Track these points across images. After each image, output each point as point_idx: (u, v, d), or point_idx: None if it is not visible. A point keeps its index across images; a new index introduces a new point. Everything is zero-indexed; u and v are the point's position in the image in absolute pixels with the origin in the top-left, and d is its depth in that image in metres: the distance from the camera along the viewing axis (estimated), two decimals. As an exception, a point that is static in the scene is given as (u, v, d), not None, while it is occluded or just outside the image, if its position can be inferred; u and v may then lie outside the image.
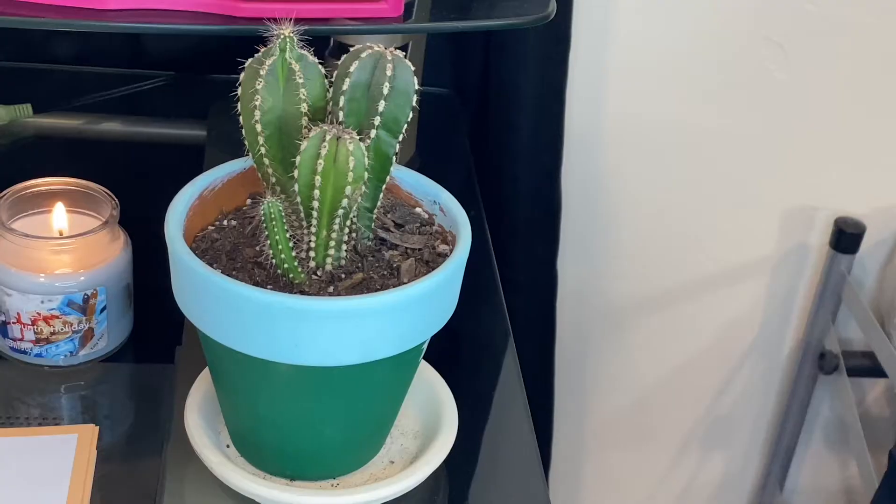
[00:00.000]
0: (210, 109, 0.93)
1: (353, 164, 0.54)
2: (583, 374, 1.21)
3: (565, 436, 1.22)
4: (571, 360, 1.18)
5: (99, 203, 0.70)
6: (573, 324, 1.16)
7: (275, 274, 0.57)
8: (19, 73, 0.98)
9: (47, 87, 0.97)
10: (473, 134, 1.03)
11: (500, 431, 0.70)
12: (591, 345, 1.19)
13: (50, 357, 0.68)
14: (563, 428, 1.20)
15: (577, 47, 1.00)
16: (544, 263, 1.07)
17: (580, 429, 1.24)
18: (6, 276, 0.66)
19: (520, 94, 0.99)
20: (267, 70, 0.55)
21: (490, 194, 0.99)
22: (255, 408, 0.59)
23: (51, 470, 0.60)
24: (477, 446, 0.68)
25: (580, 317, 1.17)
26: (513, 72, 0.98)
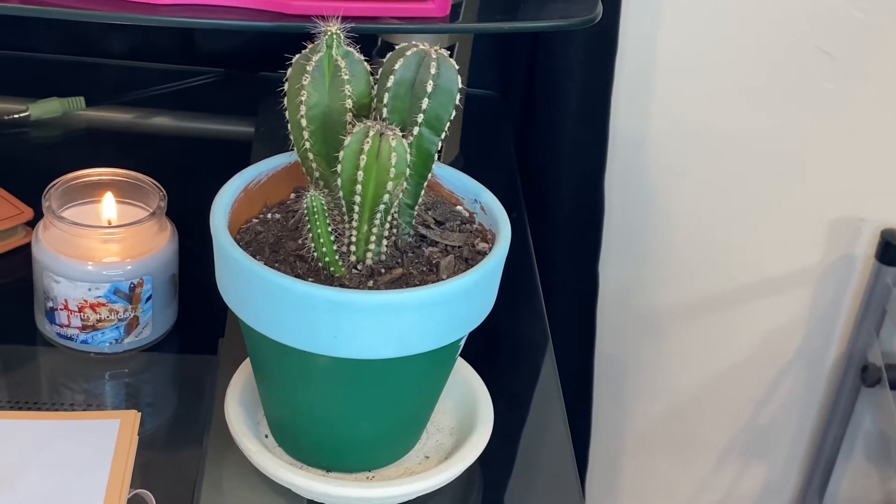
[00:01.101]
0: (259, 107, 0.95)
1: (395, 160, 0.54)
2: (622, 379, 1.21)
3: (603, 441, 1.22)
4: (611, 365, 1.18)
5: (147, 194, 0.71)
6: (613, 329, 1.16)
7: (316, 267, 0.57)
8: (73, 67, 1.00)
9: (100, 82, 0.99)
10: (518, 136, 1.03)
11: (536, 432, 0.70)
12: (631, 350, 1.19)
13: (95, 344, 0.69)
14: (601, 433, 1.20)
15: (623, 51, 1.00)
16: (586, 267, 1.07)
17: (618, 435, 1.24)
18: (55, 264, 0.67)
19: (565, 96, 0.99)
20: (313, 66, 0.56)
21: (533, 196, 1.00)
22: (294, 399, 0.60)
23: (93, 453, 0.61)
24: (512, 446, 0.68)
25: (621, 322, 1.17)
26: (558, 74, 0.98)
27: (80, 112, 0.94)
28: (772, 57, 1.03)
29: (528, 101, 1.03)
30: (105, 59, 1.01)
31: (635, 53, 1.02)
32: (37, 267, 0.69)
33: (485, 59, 1.01)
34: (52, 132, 0.92)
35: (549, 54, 0.98)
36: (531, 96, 1.02)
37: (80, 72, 1.00)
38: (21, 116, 0.91)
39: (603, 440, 1.21)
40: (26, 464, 0.60)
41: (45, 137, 0.92)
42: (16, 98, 0.93)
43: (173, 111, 0.97)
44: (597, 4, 0.73)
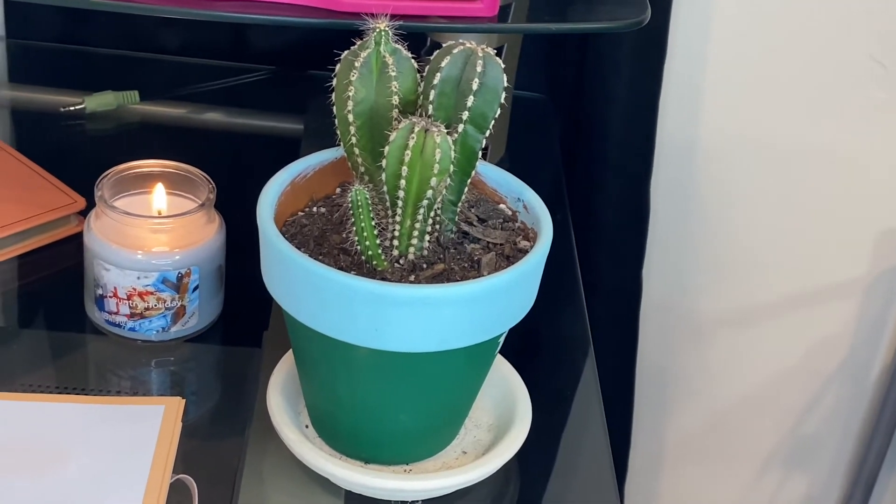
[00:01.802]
0: (309, 105, 0.96)
1: (439, 157, 0.55)
2: (664, 386, 1.20)
3: (643, 448, 1.21)
4: (653, 372, 1.18)
5: (197, 186, 0.72)
6: (656, 334, 1.16)
7: (359, 260, 0.58)
8: (129, 62, 1.02)
9: (154, 76, 1.00)
10: (565, 139, 1.04)
11: (575, 434, 0.70)
12: (673, 357, 1.19)
13: (143, 332, 0.70)
14: (642, 440, 1.20)
15: (672, 55, 1.00)
16: (629, 271, 1.07)
17: (659, 442, 1.24)
18: (106, 252, 0.68)
19: (613, 100, 0.99)
20: (361, 62, 0.57)
21: (578, 199, 1.00)
22: (334, 390, 0.61)
23: (137, 438, 0.62)
24: (549, 446, 0.69)
25: (663, 328, 1.16)
26: (607, 77, 0.98)
27: (134, 105, 0.95)
28: (822, 65, 1.02)
29: (576, 103, 1.03)
30: (160, 54, 1.03)
31: (685, 58, 1.02)
32: (88, 255, 0.70)
33: (533, 61, 1.02)
34: (107, 125, 0.94)
35: (598, 57, 0.98)
36: (579, 99, 1.03)
37: (135, 66, 1.02)
38: (77, 109, 0.93)
39: (643, 446, 1.21)
40: (73, 446, 0.62)
41: (99, 130, 0.94)
42: (72, 91, 0.95)
43: (225, 107, 0.98)
44: (646, 7, 0.73)
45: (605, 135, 1.01)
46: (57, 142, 0.92)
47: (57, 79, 0.99)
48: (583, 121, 1.03)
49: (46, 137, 0.92)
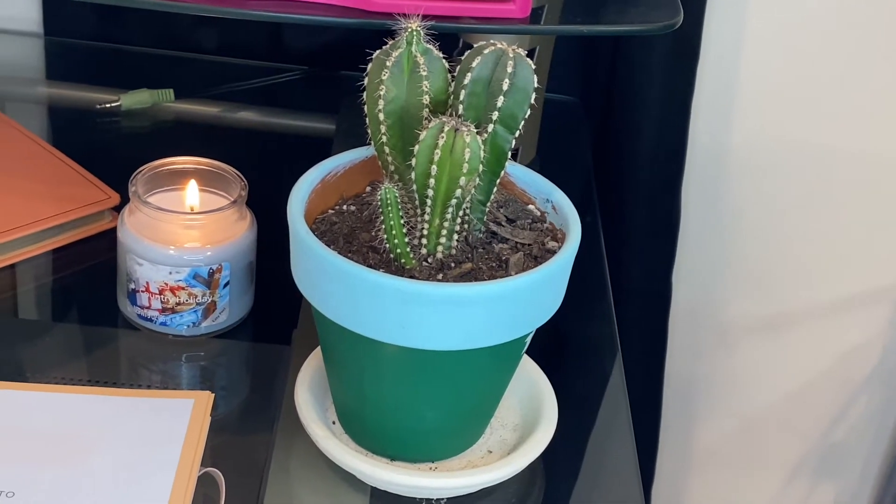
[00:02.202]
0: (341, 105, 0.96)
1: (468, 156, 0.55)
2: (692, 391, 1.20)
3: (670, 453, 1.21)
4: (681, 377, 1.18)
5: (229, 183, 0.73)
6: (685, 339, 1.16)
7: (387, 258, 0.59)
8: (164, 60, 1.03)
9: (189, 75, 1.01)
10: (596, 142, 1.04)
11: (601, 437, 0.70)
12: (702, 362, 1.19)
13: (174, 326, 0.71)
14: (669, 445, 1.20)
15: (705, 59, 1.00)
16: (659, 276, 1.07)
17: (686, 448, 1.23)
18: (138, 247, 0.69)
19: (645, 103, 0.99)
20: (393, 62, 0.57)
21: (609, 202, 1.00)
22: (361, 386, 0.61)
23: (167, 431, 0.63)
24: (575, 448, 0.69)
25: (693, 333, 1.16)
26: (639, 81, 0.98)
27: (169, 104, 0.96)
28: (856, 69, 1.02)
29: (608, 107, 1.03)
30: (195, 53, 1.04)
31: (718, 62, 1.02)
32: (121, 250, 0.71)
33: (566, 64, 1.02)
34: (142, 122, 0.95)
35: (630, 61, 0.98)
36: (611, 102, 1.03)
37: (170, 65, 1.03)
38: (113, 106, 0.94)
39: (670, 452, 1.21)
40: (103, 437, 0.62)
41: (134, 127, 0.95)
42: (108, 88, 0.96)
43: (258, 106, 0.99)
44: (678, 10, 0.73)
45: (636, 138, 1.01)
46: (92, 138, 0.93)
47: (93, 76, 1.00)
48: (614, 124, 1.03)
49: (82, 134, 0.93)
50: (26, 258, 0.77)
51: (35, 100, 0.99)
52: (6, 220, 0.77)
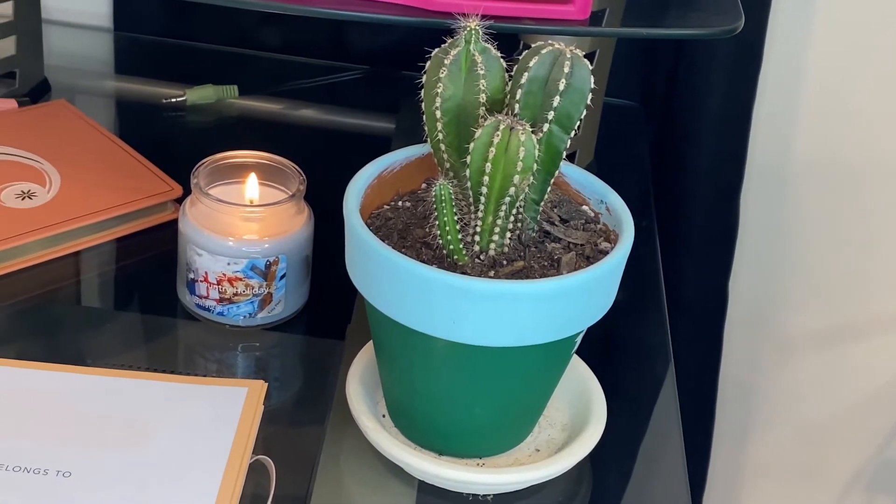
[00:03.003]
0: (401, 104, 0.97)
1: (522, 155, 0.56)
2: (747, 401, 1.19)
3: (723, 463, 1.20)
4: (736, 386, 1.17)
5: (288, 178, 0.74)
6: (740, 348, 1.15)
7: (440, 254, 0.59)
8: (229, 57, 1.05)
9: (253, 72, 1.03)
10: (655, 147, 1.04)
11: (650, 442, 0.70)
12: (759, 372, 1.18)
13: (230, 316, 0.72)
14: (721, 454, 1.19)
15: (768, 66, 0.99)
16: (715, 283, 1.06)
17: (740, 458, 1.22)
18: (199, 237, 0.71)
19: (705, 109, 0.99)
20: (451, 60, 0.58)
21: (666, 208, 1.00)
22: (412, 380, 0.62)
23: (220, 417, 0.64)
24: (623, 451, 0.69)
25: (749, 343, 1.15)
26: (700, 87, 0.98)
27: (232, 100, 0.98)
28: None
29: (668, 112, 1.03)
30: (260, 51, 1.06)
31: (781, 69, 1.01)
32: (181, 240, 0.72)
33: (626, 69, 1.02)
34: (206, 117, 0.97)
35: (691, 66, 0.98)
36: (671, 108, 1.02)
37: (235, 62, 1.05)
38: (178, 101, 0.96)
39: (723, 461, 1.20)
40: (158, 422, 0.64)
41: (198, 122, 0.97)
42: (174, 83, 0.99)
43: (320, 104, 1.01)
44: (740, 15, 0.73)
45: (696, 145, 1.01)
46: (158, 132, 0.95)
47: (160, 71, 1.02)
48: (674, 130, 1.02)
49: (148, 127, 0.95)
50: (91, 246, 0.79)
51: (104, 93, 1.01)
52: (73, 209, 0.79)
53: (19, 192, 0.80)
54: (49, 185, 0.81)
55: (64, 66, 1.00)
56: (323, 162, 0.82)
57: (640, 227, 0.77)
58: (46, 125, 0.89)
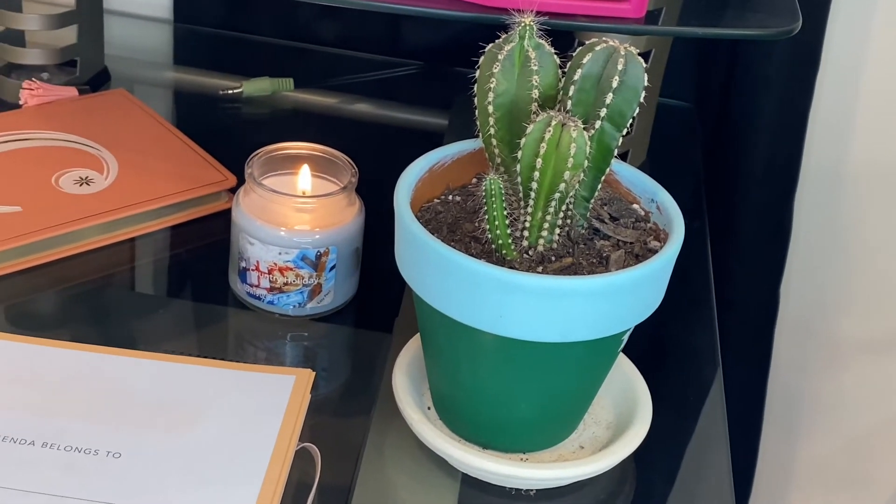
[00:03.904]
0: (454, 101, 0.98)
1: (574, 151, 0.56)
2: (796, 407, 1.18)
3: (770, 467, 1.19)
4: (785, 391, 1.16)
5: (340, 170, 0.75)
6: (791, 354, 1.14)
7: (489, 249, 0.60)
8: (286, 51, 1.06)
9: (309, 65, 1.04)
10: (709, 149, 1.03)
11: (695, 443, 0.70)
12: (809, 378, 1.16)
13: (280, 305, 0.73)
14: (769, 459, 1.18)
15: (825, 69, 0.98)
16: (767, 287, 1.06)
17: (787, 465, 1.21)
18: (251, 227, 0.72)
19: (761, 112, 0.98)
20: (505, 55, 0.58)
21: (718, 210, 0.99)
22: (457, 373, 0.62)
23: (268, 404, 0.65)
24: (668, 451, 0.68)
25: (800, 348, 1.14)
26: (755, 89, 0.97)
27: (288, 92, 0.99)
28: None
29: (723, 114, 1.02)
30: (316, 45, 1.07)
31: (838, 71, 1.00)
32: (234, 229, 0.73)
33: (681, 70, 1.01)
34: (261, 109, 0.98)
35: (747, 68, 0.97)
36: (726, 110, 1.02)
37: (291, 55, 1.06)
38: (235, 92, 0.98)
39: (770, 466, 1.19)
40: (207, 407, 0.65)
41: (254, 113, 0.98)
42: (231, 76, 1.00)
43: (374, 98, 1.01)
44: (797, 17, 0.72)
45: (751, 147, 1.00)
46: (214, 122, 0.96)
47: (218, 63, 1.03)
48: (728, 131, 1.02)
49: (205, 118, 0.97)
50: (146, 233, 0.80)
51: (162, 83, 1.03)
52: (129, 196, 0.80)
53: (77, 179, 0.82)
54: (107, 172, 0.83)
55: (124, 56, 1.02)
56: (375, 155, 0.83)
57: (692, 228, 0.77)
58: (105, 113, 0.90)
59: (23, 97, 0.90)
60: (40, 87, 0.91)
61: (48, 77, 0.94)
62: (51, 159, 0.83)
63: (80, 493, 0.59)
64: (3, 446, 0.61)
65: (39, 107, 0.90)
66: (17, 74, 0.94)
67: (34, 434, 0.62)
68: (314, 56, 1.06)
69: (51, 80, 0.94)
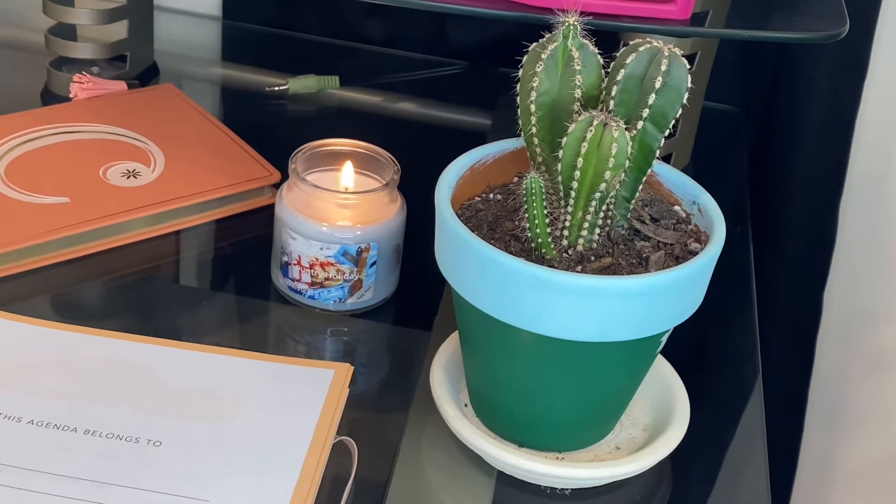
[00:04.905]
0: (498, 101, 0.98)
1: (615, 151, 0.56)
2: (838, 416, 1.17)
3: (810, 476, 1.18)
4: (827, 399, 1.15)
5: (383, 167, 0.75)
6: (834, 362, 1.13)
7: (528, 248, 0.60)
8: (332, 49, 1.07)
9: (355, 64, 1.05)
10: (754, 153, 1.02)
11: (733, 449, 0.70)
12: (852, 387, 1.15)
13: (321, 300, 0.74)
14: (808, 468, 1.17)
15: (873, 75, 0.97)
16: (810, 293, 1.05)
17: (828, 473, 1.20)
18: (294, 221, 0.72)
19: (807, 117, 0.97)
20: (548, 54, 0.58)
21: (762, 215, 0.98)
22: (494, 371, 0.62)
23: (307, 397, 0.66)
24: (705, 455, 0.68)
25: (843, 356, 1.13)
26: (802, 94, 0.97)
27: (333, 90, 1.00)
28: None
29: (769, 118, 1.02)
30: (362, 43, 1.07)
31: (886, 77, 0.99)
32: (277, 224, 0.74)
33: (728, 74, 1.01)
34: (307, 106, 0.99)
35: (794, 73, 0.97)
36: (772, 114, 1.01)
37: (337, 53, 1.07)
38: (281, 89, 0.99)
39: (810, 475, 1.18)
40: (247, 398, 0.66)
41: (299, 110, 0.99)
42: (278, 73, 1.01)
43: (418, 97, 1.02)
44: (844, 21, 0.72)
45: (797, 151, 0.99)
46: (260, 118, 0.97)
47: (265, 60, 1.05)
48: (775, 136, 1.01)
49: (251, 114, 0.98)
50: (190, 226, 0.81)
51: (210, 79, 1.04)
52: (175, 189, 0.81)
53: (125, 171, 0.83)
54: (153, 166, 0.84)
55: (173, 52, 1.03)
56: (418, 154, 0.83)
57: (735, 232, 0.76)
58: (153, 108, 0.91)
59: (73, 90, 0.92)
60: (90, 81, 0.92)
61: (98, 71, 0.96)
62: (99, 152, 0.85)
63: (120, 480, 0.60)
64: (46, 432, 0.62)
65: (89, 100, 0.91)
66: (68, 68, 0.96)
67: (77, 421, 0.63)
68: (360, 55, 1.07)
69: (101, 75, 0.95)
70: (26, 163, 0.83)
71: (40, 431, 0.62)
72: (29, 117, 0.87)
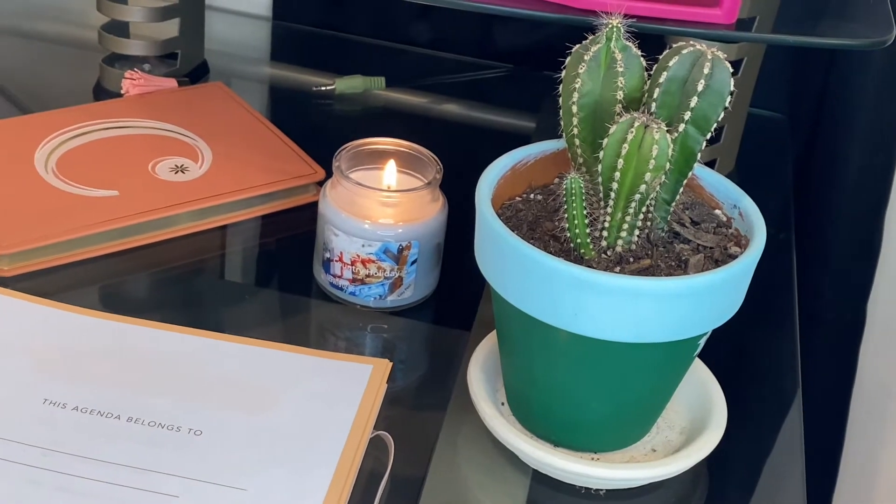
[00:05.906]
0: (542, 104, 0.98)
1: (655, 153, 0.56)
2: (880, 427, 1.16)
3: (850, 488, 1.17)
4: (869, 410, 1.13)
5: (425, 166, 0.76)
6: (877, 372, 1.11)
7: (568, 248, 0.60)
8: (379, 50, 1.08)
9: (401, 65, 1.06)
10: (800, 161, 1.02)
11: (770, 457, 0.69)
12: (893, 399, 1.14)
13: (361, 297, 0.75)
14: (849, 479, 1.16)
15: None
16: (853, 302, 1.04)
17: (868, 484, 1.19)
18: (337, 218, 0.73)
19: (854, 125, 0.97)
20: (591, 56, 0.58)
21: (806, 223, 0.98)
22: (531, 370, 0.63)
23: (345, 391, 0.66)
24: (741, 461, 0.68)
25: (885, 367, 1.12)
26: (850, 103, 0.96)
27: (379, 91, 1.01)
28: None
29: (815, 126, 1.01)
30: (408, 45, 1.08)
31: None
32: (321, 221, 0.75)
33: (775, 80, 1.00)
34: (353, 106, 1.00)
35: (842, 81, 0.96)
36: (819, 122, 1.00)
37: (384, 55, 1.08)
38: (327, 89, 1.00)
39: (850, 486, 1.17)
40: (286, 391, 0.66)
41: (345, 110, 1.00)
42: (325, 73, 1.02)
43: (463, 99, 1.02)
44: (892, 27, 0.72)
45: (842, 159, 0.98)
46: (306, 117, 0.98)
47: (313, 60, 1.06)
48: (821, 144, 1.00)
49: (297, 113, 0.99)
50: (236, 221, 0.83)
51: (258, 78, 1.05)
52: (222, 185, 0.82)
53: (173, 166, 0.84)
54: (201, 162, 0.85)
55: (223, 51, 1.05)
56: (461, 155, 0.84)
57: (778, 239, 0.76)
58: (202, 105, 0.93)
59: (124, 86, 0.94)
60: (142, 78, 0.94)
61: (149, 68, 0.98)
62: (148, 147, 0.86)
63: (161, 468, 0.61)
64: (90, 419, 0.63)
65: (140, 96, 0.93)
66: (120, 64, 0.98)
67: (120, 408, 0.64)
68: (406, 56, 1.08)
69: (152, 72, 0.97)
70: (77, 156, 0.84)
71: (84, 418, 0.63)
72: (81, 112, 0.89)
